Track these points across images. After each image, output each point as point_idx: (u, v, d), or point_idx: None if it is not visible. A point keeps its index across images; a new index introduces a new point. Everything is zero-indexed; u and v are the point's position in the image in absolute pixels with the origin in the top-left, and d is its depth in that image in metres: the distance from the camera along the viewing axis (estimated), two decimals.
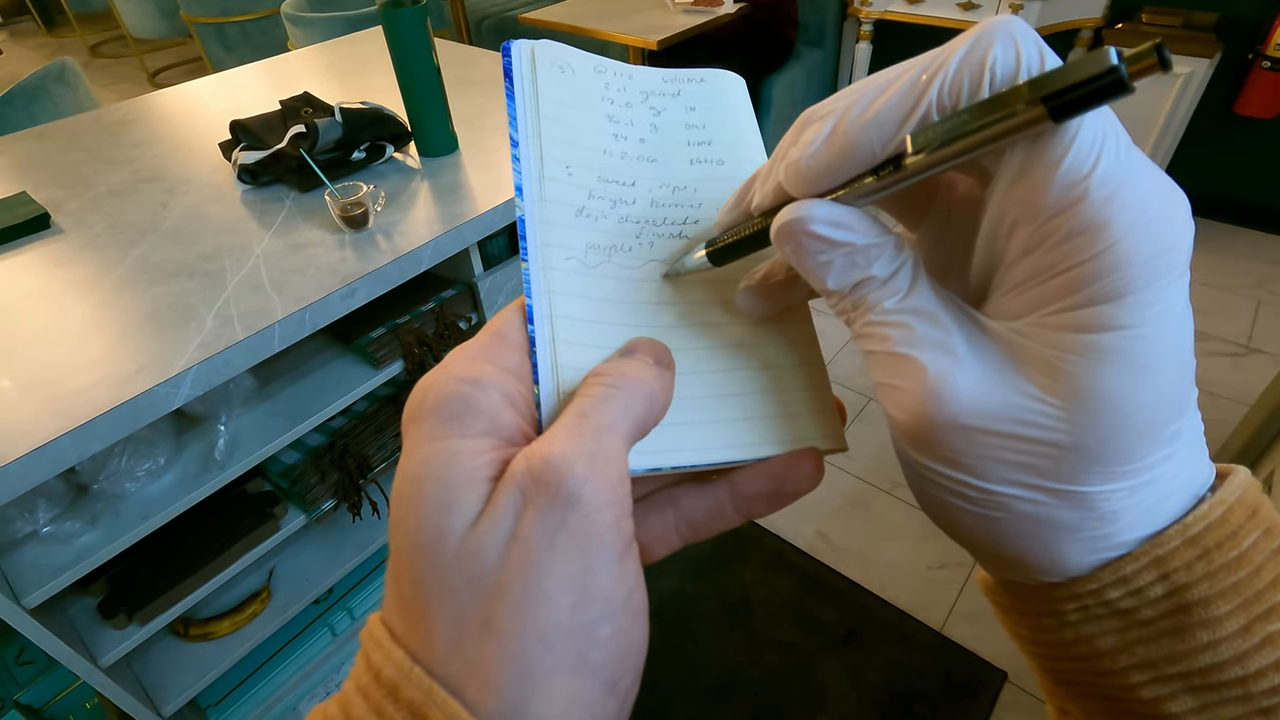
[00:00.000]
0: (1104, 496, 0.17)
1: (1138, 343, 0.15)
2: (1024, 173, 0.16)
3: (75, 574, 0.78)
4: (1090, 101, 0.14)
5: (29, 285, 0.88)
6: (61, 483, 0.82)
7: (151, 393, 0.72)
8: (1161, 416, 0.16)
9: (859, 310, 0.18)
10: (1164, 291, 0.15)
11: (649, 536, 0.22)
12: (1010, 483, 0.17)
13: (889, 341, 0.18)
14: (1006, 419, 0.16)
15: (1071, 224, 0.15)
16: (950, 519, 0.19)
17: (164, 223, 0.99)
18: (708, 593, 1.47)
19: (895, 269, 0.18)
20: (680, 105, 0.26)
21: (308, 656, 1.13)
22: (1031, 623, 0.20)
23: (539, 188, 0.23)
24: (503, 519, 0.16)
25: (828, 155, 0.17)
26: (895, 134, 0.16)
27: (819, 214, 0.17)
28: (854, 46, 2.67)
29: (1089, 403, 0.16)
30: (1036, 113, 0.14)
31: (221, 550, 0.93)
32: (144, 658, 0.99)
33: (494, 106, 1.29)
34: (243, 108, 1.30)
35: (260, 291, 0.85)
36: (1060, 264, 0.15)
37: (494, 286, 1.10)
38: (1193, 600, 0.17)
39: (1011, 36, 0.15)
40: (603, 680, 0.16)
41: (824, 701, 1.29)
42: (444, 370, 0.19)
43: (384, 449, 1.10)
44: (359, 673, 0.17)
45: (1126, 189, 0.15)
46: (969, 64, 0.15)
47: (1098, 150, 0.15)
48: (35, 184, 1.11)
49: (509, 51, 0.24)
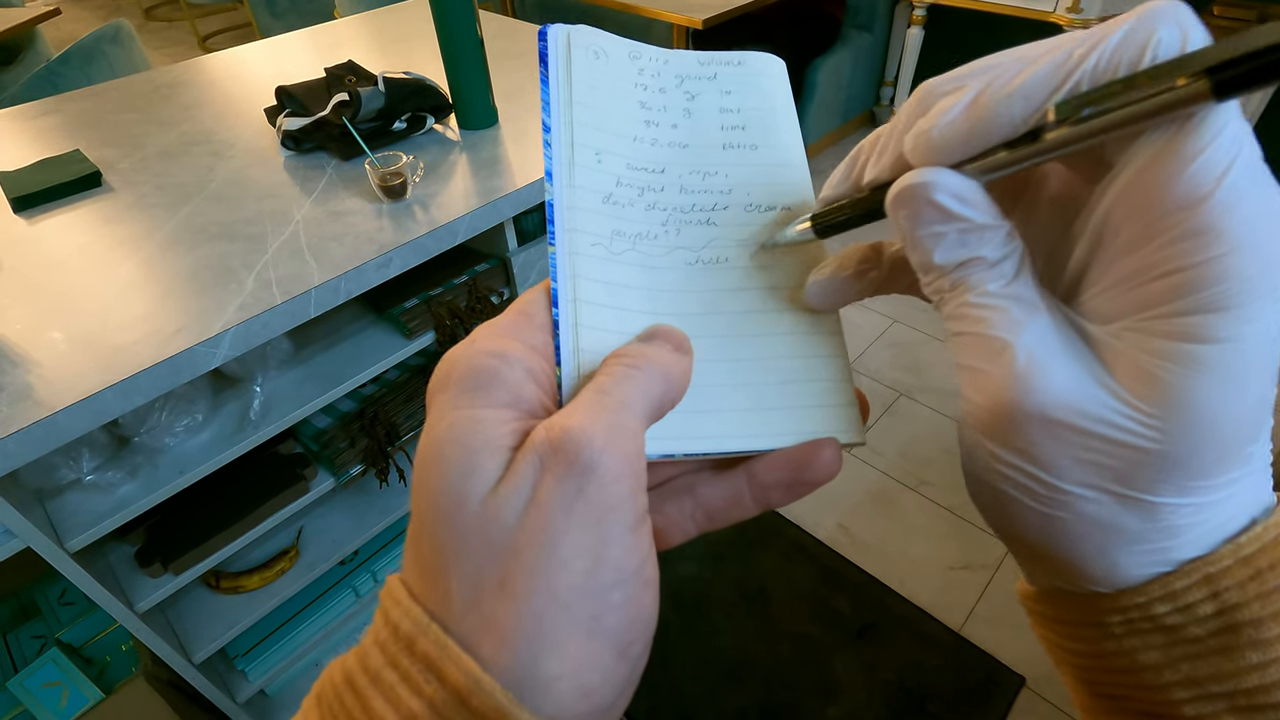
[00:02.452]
0: (1173, 509, 0.16)
1: (1237, 358, 0.15)
2: (1155, 162, 0.15)
3: (115, 522, 0.81)
4: (1260, 77, 0.13)
5: (80, 240, 0.91)
6: (104, 434, 0.85)
7: (191, 351, 0.74)
8: (1244, 435, 0.16)
9: (957, 290, 0.18)
10: (1264, 309, 0.15)
11: (666, 523, 0.22)
12: (1082, 483, 0.17)
13: (984, 323, 0.17)
14: (1092, 417, 0.16)
15: (1190, 223, 0.15)
16: (1007, 514, 0.19)
17: (209, 185, 1.01)
18: (726, 579, 1.47)
19: (1005, 254, 0.17)
20: (716, 89, 0.26)
21: (332, 615, 1.16)
22: (1072, 632, 0.20)
23: (568, 173, 0.23)
24: (522, 485, 0.17)
25: (965, 125, 0.16)
26: (1040, 105, 0.16)
27: (947, 182, 0.17)
28: (905, 32, 2.59)
29: (1182, 413, 0.15)
30: (1199, 86, 0.13)
31: (253, 508, 0.96)
32: (177, 606, 1.03)
33: (535, 81, 1.28)
34: (288, 74, 1.32)
35: (299, 257, 0.87)
36: (1167, 264, 0.15)
37: (527, 262, 1.11)
38: (1243, 620, 0.16)
39: (1178, 22, 0.15)
40: (614, 644, 0.17)
41: (836, 693, 1.29)
42: (471, 344, 0.19)
43: (413, 418, 1.12)
44: (377, 628, 0.18)
45: (1249, 201, 0.15)
46: (1129, 45, 0.15)
47: (1234, 155, 0.14)
48: (88, 143, 1.14)
49: (545, 36, 0.24)
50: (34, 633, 1.03)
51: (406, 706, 0.16)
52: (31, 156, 1.08)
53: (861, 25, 2.63)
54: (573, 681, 0.16)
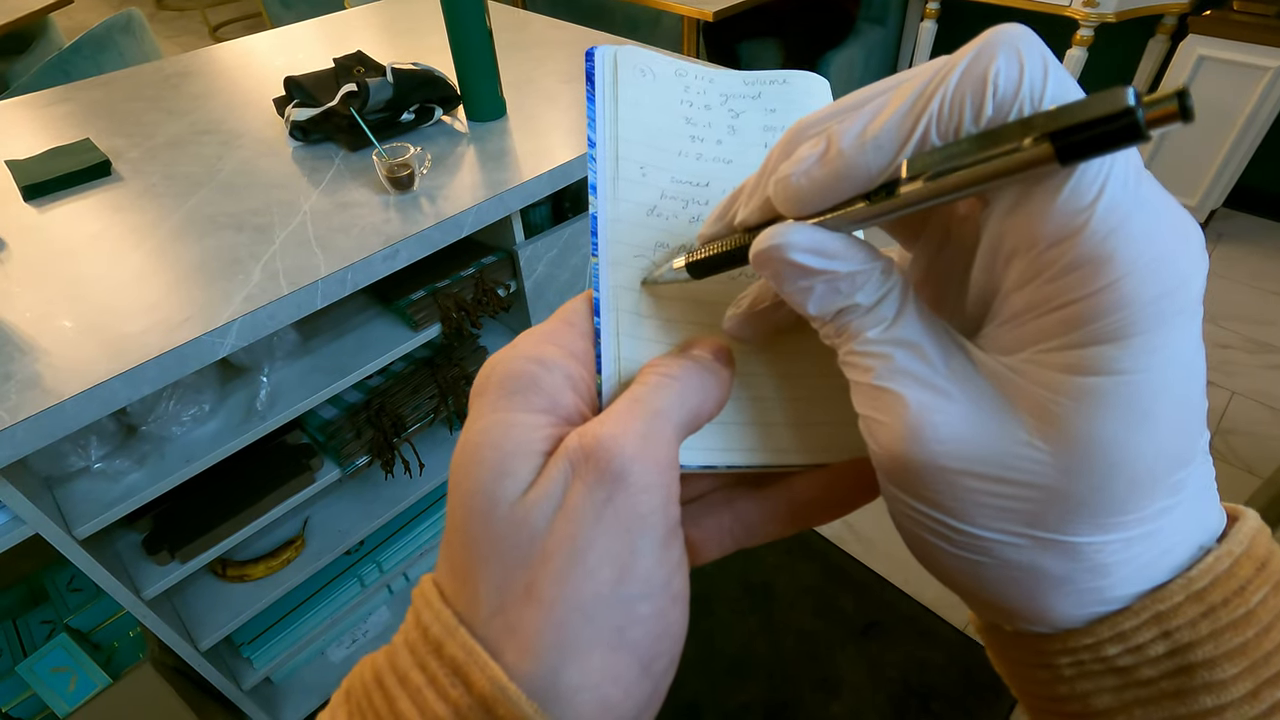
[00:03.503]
0: (1096, 548, 0.15)
1: (1138, 389, 0.14)
2: (1023, 197, 0.15)
3: (123, 510, 0.82)
4: (1100, 145, 0.12)
5: (90, 229, 0.91)
6: (113, 422, 0.86)
7: (199, 341, 0.75)
8: (1162, 467, 0.15)
9: (842, 337, 0.17)
10: (1171, 335, 0.14)
11: (702, 536, 0.22)
12: (994, 528, 0.16)
13: (870, 373, 0.17)
14: (990, 461, 0.15)
15: (1071, 256, 0.14)
16: (932, 559, 0.18)
17: (218, 175, 1.01)
18: (730, 573, 1.47)
19: (880, 296, 0.17)
20: (760, 108, 0.26)
21: (337, 605, 1.17)
22: (1024, 673, 0.19)
23: (612, 187, 0.23)
24: (552, 490, 0.17)
25: (821, 175, 0.16)
26: (893, 157, 0.15)
27: (799, 240, 0.16)
28: (918, 25, 2.57)
29: (1081, 449, 0.15)
30: (1042, 151, 0.13)
31: (259, 497, 0.96)
32: (184, 594, 1.04)
33: (544, 72, 1.28)
34: (298, 64, 1.32)
35: (306, 248, 0.87)
36: (1057, 298, 0.14)
37: (534, 255, 1.10)
38: (1196, 661, 0.15)
39: (1015, 49, 0.14)
40: (638, 658, 0.16)
41: (839, 690, 1.29)
42: (512, 349, 0.19)
43: (418, 410, 1.12)
44: (408, 628, 0.18)
45: (1134, 221, 0.14)
46: (969, 79, 0.14)
47: (1104, 177, 0.14)
48: (98, 131, 1.14)
49: (592, 56, 0.24)
50: (43, 618, 1.04)
51: (432, 710, 0.16)
52: (42, 145, 1.08)
53: (874, 18, 2.61)
54: (594, 694, 0.16)
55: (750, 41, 2.52)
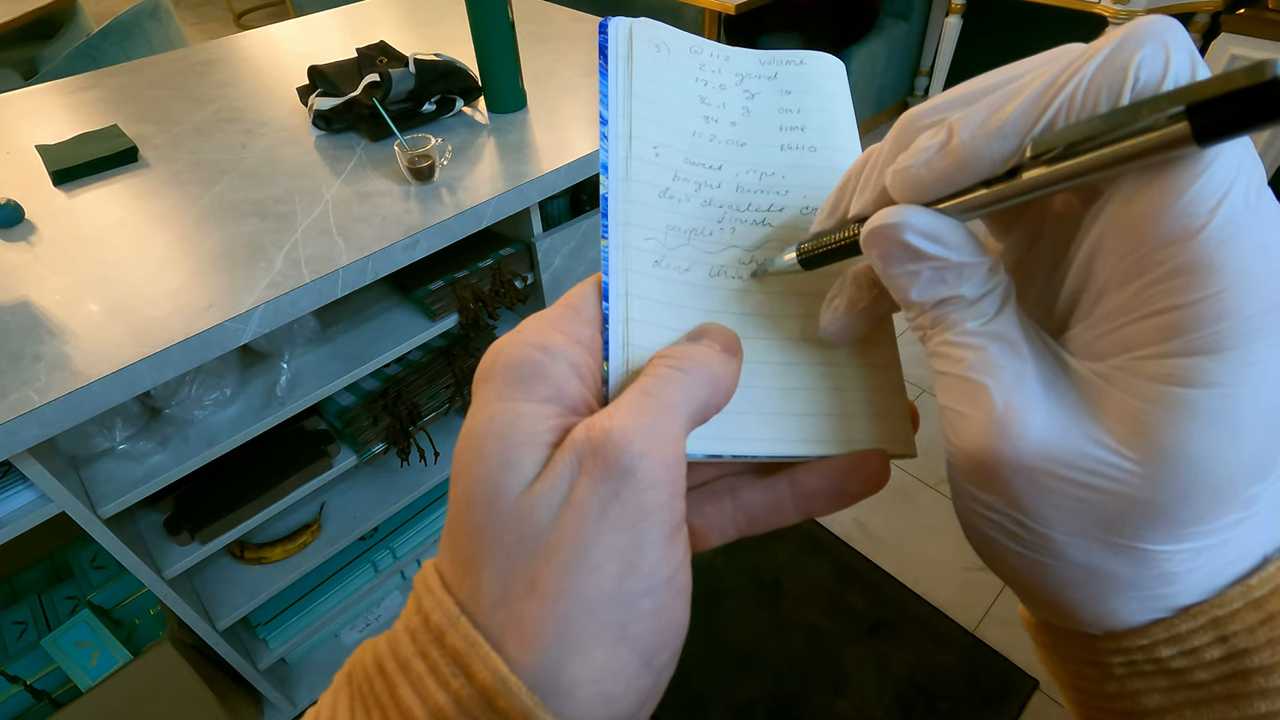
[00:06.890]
0: (1167, 556, 0.16)
1: (1232, 403, 0.14)
2: (1140, 193, 0.14)
3: (145, 490, 0.83)
4: (1243, 123, 0.12)
5: (117, 215, 0.93)
6: (137, 405, 0.87)
7: (222, 327, 0.76)
8: (1243, 480, 0.15)
9: (937, 328, 0.17)
10: (1267, 351, 0.14)
11: (705, 524, 0.22)
12: (1068, 530, 0.16)
13: (962, 364, 0.17)
14: (1073, 465, 0.15)
15: (1181, 260, 0.14)
16: (997, 556, 0.18)
17: (242, 163, 1.03)
18: (739, 569, 1.48)
19: (985, 292, 0.17)
20: (775, 89, 0.26)
21: (351, 589, 1.19)
22: (1074, 669, 0.19)
23: (624, 167, 0.23)
24: (558, 483, 0.17)
25: (942, 165, 0.16)
26: (1017, 146, 0.15)
27: (916, 222, 0.16)
28: (942, 20, 2.54)
29: (1169, 461, 0.15)
30: (1178, 130, 0.12)
31: (278, 481, 0.98)
32: (203, 574, 1.06)
33: (565, 65, 1.28)
34: (321, 53, 1.32)
35: (327, 237, 0.88)
36: (1158, 303, 0.14)
37: (552, 248, 1.11)
38: (1252, 667, 0.16)
39: (1164, 41, 0.14)
40: (640, 652, 0.17)
41: (846, 687, 1.29)
42: (517, 335, 0.19)
43: (435, 399, 1.13)
44: (410, 614, 0.18)
45: (1248, 234, 0.14)
46: (1108, 69, 0.14)
47: (1228, 186, 0.13)
48: (126, 118, 1.16)
49: (606, 29, 0.24)
50: (67, 594, 1.06)
51: (433, 699, 0.16)
52: (71, 130, 1.10)
53: (898, 13, 2.58)
54: (595, 688, 0.16)
55: (771, 35, 2.51)
